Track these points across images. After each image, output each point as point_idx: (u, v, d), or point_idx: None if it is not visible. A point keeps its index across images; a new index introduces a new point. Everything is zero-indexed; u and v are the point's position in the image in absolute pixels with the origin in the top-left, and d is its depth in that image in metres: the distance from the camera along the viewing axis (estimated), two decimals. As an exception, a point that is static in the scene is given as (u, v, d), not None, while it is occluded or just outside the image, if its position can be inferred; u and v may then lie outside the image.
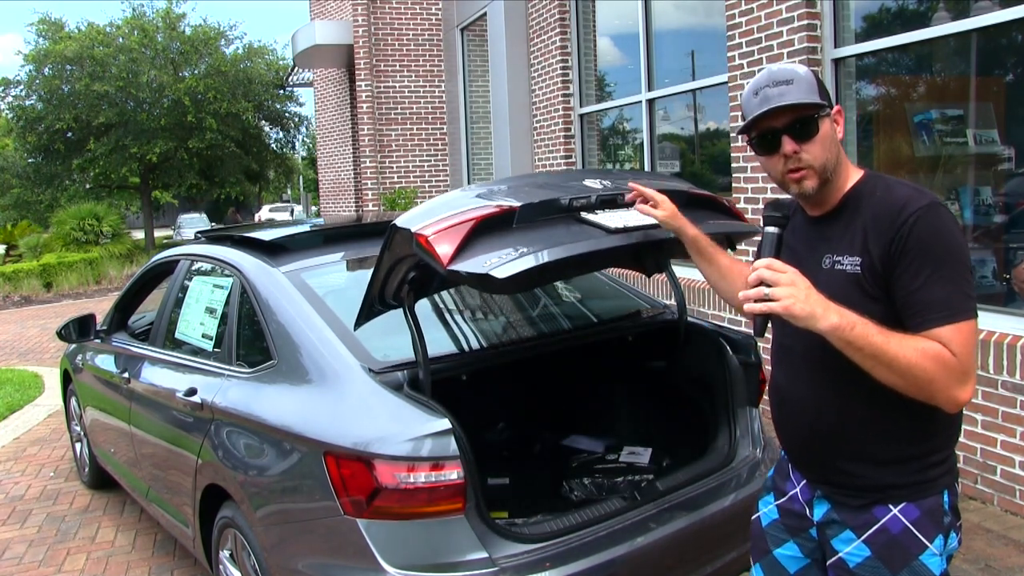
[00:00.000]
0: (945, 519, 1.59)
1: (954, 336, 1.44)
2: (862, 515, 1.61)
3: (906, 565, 1.56)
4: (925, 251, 1.47)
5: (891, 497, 1.58)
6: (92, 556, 3.90)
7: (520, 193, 2.10)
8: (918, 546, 1.57)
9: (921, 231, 1.47)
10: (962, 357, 1.44)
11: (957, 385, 1.45)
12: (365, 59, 10.58)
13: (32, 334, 11.08)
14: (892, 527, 1.58)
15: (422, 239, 1.91)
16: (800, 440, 1.71)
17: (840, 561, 1.63)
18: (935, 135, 4.32)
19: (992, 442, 3.70)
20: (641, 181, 2.20)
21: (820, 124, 1.58)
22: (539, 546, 2.17)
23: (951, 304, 1.45)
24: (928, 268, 1.46)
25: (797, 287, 1.44)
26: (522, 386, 3.47)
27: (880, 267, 1.51)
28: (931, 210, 1.48)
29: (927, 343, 1.44)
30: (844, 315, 1.43)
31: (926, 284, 1.46)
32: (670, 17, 6.70)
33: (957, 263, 1.47)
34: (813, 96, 1.57)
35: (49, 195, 25.58)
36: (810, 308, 1.42)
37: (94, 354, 4.38)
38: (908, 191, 1.53)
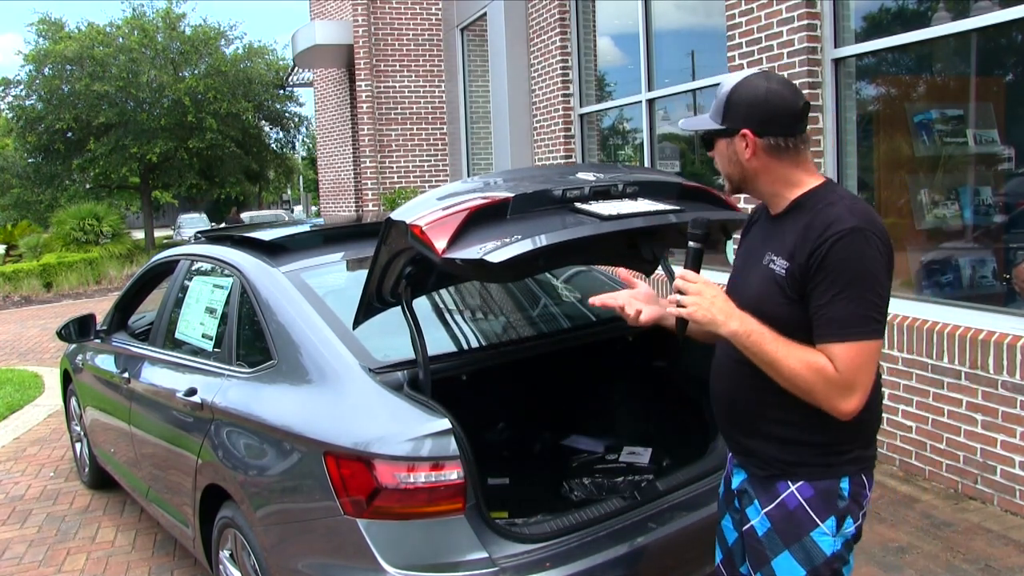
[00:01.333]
0: (840, 503, 1.69)
1: (842, 353, 1.57)
2: (767, 488, 1.75)
3: (798, 540, 1.69)
4: (835, 272, 1.58)
5: (790, 474, 1.72)
6: (92, 556, 3.90)
7: (514, 185, 2.11)
8: (810, 523, 1.69)
9: (838, 252, 1.58)
10: (844, 373, 1.57)
11: (838, 397, 1.58)
12: (365, 59, 10.58)
13: (32, 334, 11.08)
14: (789, 502, 1.71)
15: (416, 229, 1.93)
16: (721, 415, 1.89)
17: (751, 529, 1.78)
18: (935, 135, 4.32)
19: (992, 442, 3.70)
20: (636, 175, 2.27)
21: (715, 144, 1.78)
22: (539, 546, 2.17)
23: (848, 323, 1.57)
24: (835, 288, 1.58)
25: (703, 296, 1.65)
26: (522, 386, 3.46)
27: (799, 276, 1.63)
28: (852, 234, 1.58)
29: (812, 356, 1.60)
30: (744, 323, 1.63)
31: (830, 302, 1.59)
32: (670, 17, 6.69)
33: (864, 287, 1.57)
34: (715, 118, 1.76)
35: (49, 195, 25.58)
36: (711, 315, 1.63)
37: (94, 354, 4.38)
38: (840, 211, 1.62)
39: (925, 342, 3.96)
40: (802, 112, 1.71)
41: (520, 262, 1.92)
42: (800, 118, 1.70)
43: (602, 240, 2.23)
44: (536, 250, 1.93)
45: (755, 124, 1.69)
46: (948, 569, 3.21)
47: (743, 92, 1.71)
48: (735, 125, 1.72)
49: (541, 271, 3.05)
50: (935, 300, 4.14)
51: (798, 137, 1.71)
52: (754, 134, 1.69)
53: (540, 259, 2.32)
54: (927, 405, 4.00)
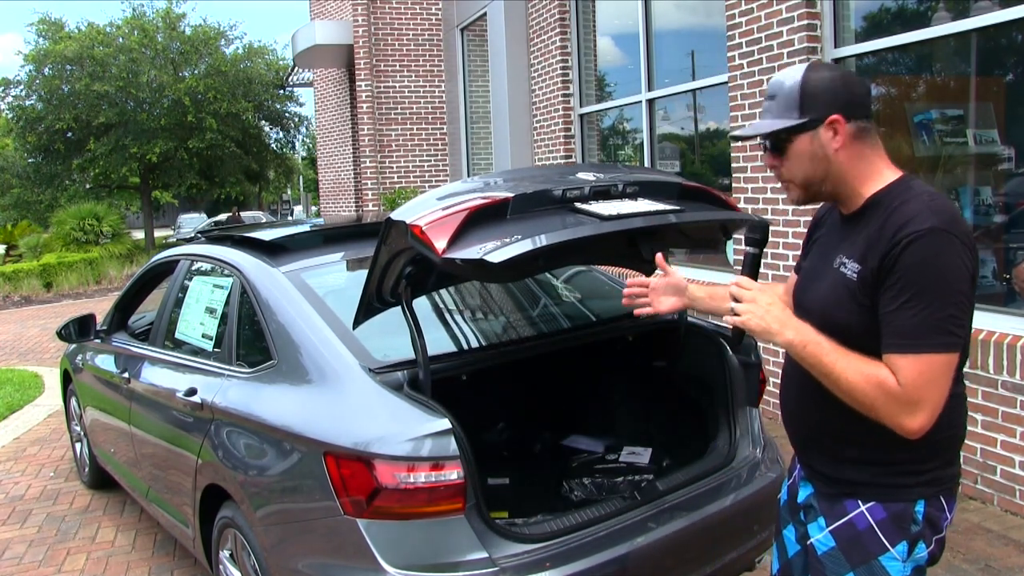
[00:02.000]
0: (913, 527, 1.58)
1: (907, 366, 1.44)
2: (835, 505, 1.65)
3: (864, 562, 1.59)
4: (910, 276, 1.45)
5: (861, 493, 1.61)
6: (92, 556, 3.90)
7: (514, 185, 2.11)
8: (879, 547, 1.58)
9: (912, 255, 1.45)
10: (908, 388, 1.44)
11: (901, 414, 1.46)
12: (365, 59, 10.58)
13: (32, 334, 11.08)
14: (858, 523, 1.61)
15: (416, 229, 1.92)
16: (789, 428, 1.80)
17: (812, 547, 1.68)
18: (935, 135, 4.33)
19: (992, 442, 3.70)
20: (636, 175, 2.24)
21: (792, 143, 1.59)
22: (539, 546, 2.17)
23: (916, 334, 1.44)
24: (906, 294, 1.45)
25: (757, 304, 1.57)
26: (522, 386, 3.46)
27: (871, 279, 1.51)
28: (930, 235, 1.44)
29: (874, 369, 1.47)
30: (800, 333, 1.53)
31: (900, 309, 1.46)
32: (670, 17, 6.70)
33: (940, 294, 1.44)
34: (787, 115, 1.58)
35: (49, 195, 25.59)
36: (765, 324, 1.55)
37: (94, 354, 4.38)
38: (919, 208, 1.49)
39: (925, 342, 3.96)
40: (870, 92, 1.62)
41: (520, 262, 1.92)
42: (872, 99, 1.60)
43: (602, 240, 2.23)
44: (536, 250, 1.93)
45: (841, 108, 1.55)
46: (948, 569, 3.21)
47: (816, 80, 1.56)
48: (819, 114, 1.56)
49: (541, 271, 3.05)
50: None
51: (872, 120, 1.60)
52: (844, 118, 1.55)
53: (540, 259, 2.32)
54: (927, 405, 3.99)
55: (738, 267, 5.58)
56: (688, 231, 2.44)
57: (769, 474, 2.68)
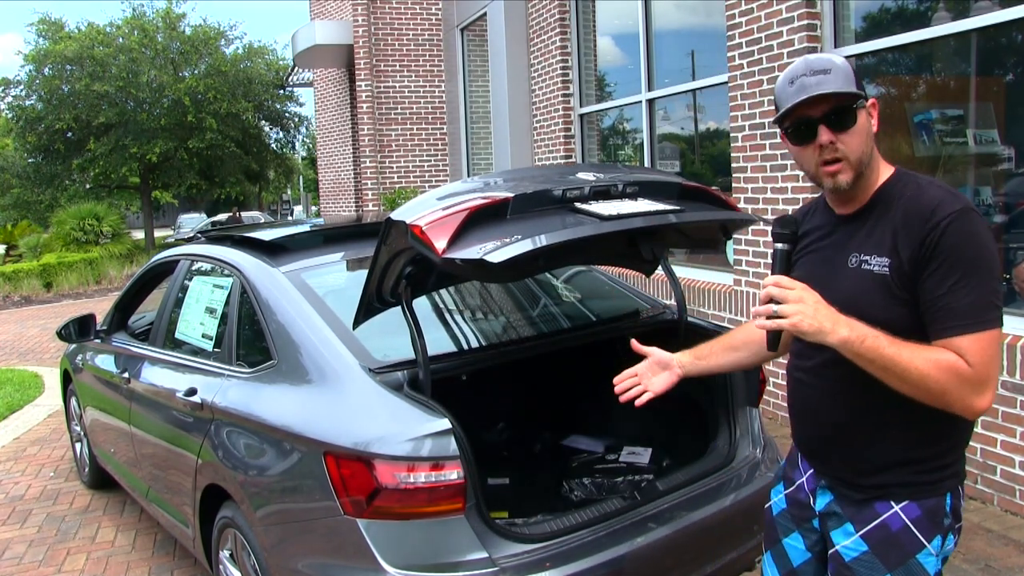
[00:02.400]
0: (945, 520, 1.58)
1: (972, 346, 1.44)
2: (863, 509, 1.61)
3: (902, 563, 1.57)
4: (954, 257, 1.45)
5: (893, 494, 1.59)
6: (92, 556, 3.90)
7: (514, 185, 2.11)
8: (916, 545, 1.57)
9: (952, 236, 1.45)
10: (978, 368, 1.43)
11: (973, 395, 1.45)
12: (365, 59, 10.58)
13: (32, 334, 11.08)
14: (892, 524, 1.58)
15: (416, 229, 1.92)
16: (809, 434, 1.73)
17: (837, 553, 1.65)
18: (935, 135, 4.33)
19: (992, 442, 3.70)
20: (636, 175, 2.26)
21: (858, 115, 1.56)
22: (539, 546, 2.17)
23: (974, 313, 1.44)
24: (955, 275, 1.45)
25: (805, 303, 1.46)
26: (522, 386, 3.46)
27: (908, 269, 1.49)
28: (964, 215, 1.46)
29: (941, 354, 1.44)
30: (855, 328, 1.45)
31: (951, 291, 1.45)
32: (670, 17, 6.70)
33: (985, 271, 1.45)
34: (851, 86, 1.55)
35: (49, 195, 25.59)
36: (818, 324, 1.45)
37: (94, 354, 4.38)
38: (941, 193, 1.50)
39: (925, 342, 3.96)
40: None
41: (520, 262, 1.92)
42: None
43: (602, 240, 2.23)
44: (536, 250, 1.93)
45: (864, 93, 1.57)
46: (948, 569, 3.21)
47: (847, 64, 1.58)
48: (864, 93, 1.57)
49: (541, 271, 3.05)
50: (935, 300, 4.13)
51: None
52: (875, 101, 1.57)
53: (540, 259, 2.32)
54: (927, 405, 3.99)
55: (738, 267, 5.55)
56: (688, 231, 2.44)
57: (769, 474, 2.68)
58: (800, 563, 1.77)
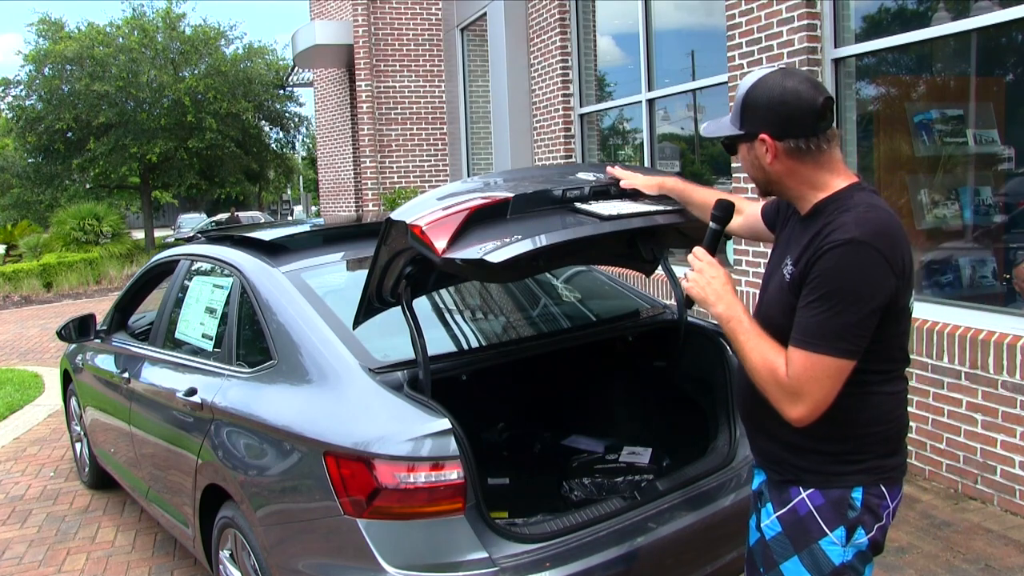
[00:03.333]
0: (851, 513, 1.65)
1: (796, 360, 1.55)
2: (781, 492, 1.73)
3: (806, 546, 1.67)
4: (820, 279, 1.54)
5: (803, 480, 1.69)
6: (92, 556, 3.90)
7: (514, 185, 2.11)
8: (818, 531, 1.66)
9: (827, 261, 1.53)
10: (793, 379, 1.55)
11: (784, 401, 1.57)
12: (365, 59, 10.58)
13: (32, 334, 11.08)
14: (799, 508, 1.68)
15: (416, 229, 1.93)
16: (740, 411, 1.90)
17: (761, 532, 1.77)
18: (935, 135, 4.33)
19: (992, 442, 3.70)
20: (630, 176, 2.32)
21: (738, 148, 1.73)
22: (539, 546, 2.17)
23: (812, 332, 1.53)
24: (814, 295, 1.54)
25: (703, 275, 1.70)
26: (522, 386, 3.46)
27: (799, 281, 1.61)
28: (846, 246, 1.51)
29: (773, 355, 1.59)
30: (730, 308, 1.65)
31: (806, 307, 1.56)
32: (670, 17, 6.70)
33: (842, 302, 1.51)
34: (734, 121, 1.68)
35: (49, 195, 25.59)
36: (704, 294, 1.68)
37: (94, 354, 4.38)
38: (847, 219, 1.55)
39: (925, 342, 3.96)
40: (823, 109, 1.60)
41: (520, 262, 1.92)
42: (821, 116, 1.60)
43: (602, 240, 2.23)
44: (536, 250, 1.93)
45: (774, 127, 1.61)
46: (948, 569, 3.21)
47: (759, 93, 1.63)
48: (754, 129, 1.64)
49: (541, 271, 3.05)
50: (935, 300, 4.14)
51: (820, 137, 1.62)
52: (773, 138, 1.62)
53: (540, 259, 2.32)
54: (927, 405, 4.00)
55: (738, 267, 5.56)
56: (688, 231, 2.44)
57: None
58: (752, 542, 1.85)
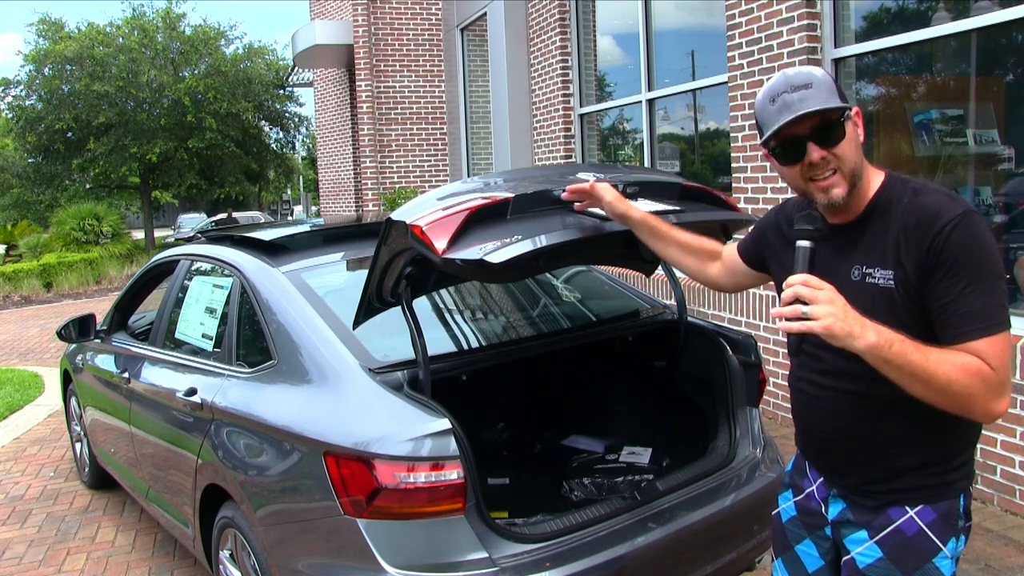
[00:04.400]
0: (959, 523, 1.58)
1: (990, 349, 1.41)
2: (877, 516, 1.60)
3: (918, 568, 1.55)
4: (962, 262, 1.43)
5: (908, 499, 1.57)
6: (92, 556, 3.90)
7: (514, 185, 2.12)
8: (932, 549, 1.56)
9: (957, 241, 1.43)
10: (1000, 370, 1.41)
11: (995, 399, 1.42)
12: (365, 59, 10.58)
13: (32, 334, 11.08)
14: (907, 529, 1.57)
15: (416, 230, 1.92)
16: (819, 442, 1.70)
17: (851, 561, 1.63)
18: (935, 135, 4.33)
19: (992, 442, 3.70)
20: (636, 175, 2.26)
21: (846, 128, 1.53)
22: (539, 546, 2.17)
23: (988, 316, 1.42)
24: (964, 279, 1.43)
25: (835, 305, 1.38)
26: (522, 386, 3.46)
27: (915, 279, 1.47)
28: (966, 219, 1.44)
29: (966, 358, 1.41)
30: (881, 333, 1.39)
31: (962, 295, 1.43)
32: (670, 17, 6.70)
33: (993, 273, 1.44)
34: (834, 99, 1.51)
35: (49, 195, 25.57)
36: (848, 327, 1.37)
37: (94, 354, 4.38)
38: (939, 198, 1.48)
39: (925, 342, 3.96)
40: None
41: (521, 263, 1.92)
42: None
43: (602, 240, 2.23)
44: (537, 251, 1.93)
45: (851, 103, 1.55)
46: (948, 569, 3.21)
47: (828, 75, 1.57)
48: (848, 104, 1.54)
49: (542, 271, 3.05)
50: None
51: None
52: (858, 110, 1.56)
53: (540, 260, 2.32)
54: (927, 405, 3.99)
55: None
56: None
57: (769, 474, 2.68)
58: (814, 570, 1.75)
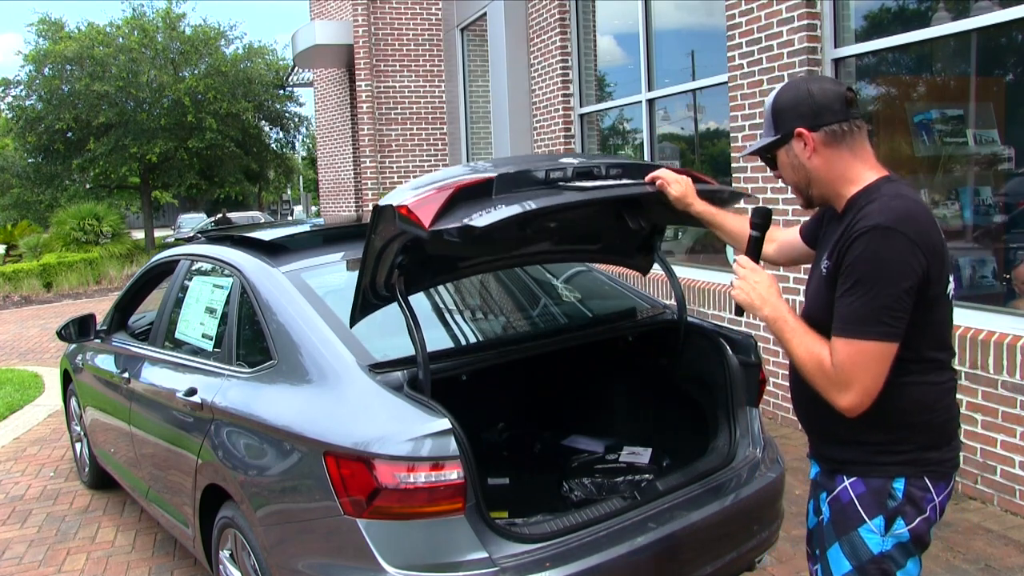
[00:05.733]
0: (891, 503, 1.69)
1: (839, 349, 1.60)
2: (830, 480, 1.80)
3: (846, 533, 1.73)
4: (851, 267, 1.59)
5: (847, 469, 1.75)
6: (92, 556, 3.90)
7: (498, 168, 2.17)
8: (858, 519, 1.71)
9: (855, 248, 1.59)
10: (838, 369, 1.59)
11: (833, 391, 1.61)
12: (365, 59, 10.58)
13: (32, 334, 11.08)
14: (843, 496, 1.75)
15: (403, 210, 1.99)
16: (796, 408, 1.93)
17: (820, 517, 1.83)
18: (935, 135, 4.33)
19: (992, 442, 3.70)
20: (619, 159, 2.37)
21: (776, 157, 1.80)
22: (539, 546, 2.17)
23: (850, 320, 1.58)
24: (846, 284, 1.60)
25: (747, 281, 1.77)
26: (522, 386, 3.47)
27: (834, 273, 1.66)
28: (872, 232, 1.57)
29: (818, 347, 1.64)
30: (776, 310, 1.71)
31: (842, 296, 1.61)
32: (670, 17, 6.70)
33: (873, 287, 1.56)
34: (768, 133, 1.78)
35: (49, 195, 25.57)
36: (750, 299, 1.76)
37: (94, 354, 4.38)
38: (873, 209, 1.61)
39: (925, 342, 3.96)
40: (849, 95, 1.70)
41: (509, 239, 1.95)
42: (849, 102, 1.69)
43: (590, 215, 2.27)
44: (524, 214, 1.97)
45: (807, 119, 1.70)
46: (948, 569, 3.21)
47: (786, 96, 1.74)
48: (788, 128, 1.73)
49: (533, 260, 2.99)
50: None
51: (852, 122, 1.70)
52: (809, 129, 1.70)
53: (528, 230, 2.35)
54: (927, 405, 3.99)
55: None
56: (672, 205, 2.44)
57: (769, 474, 2.68)
58: (811, 527, 1.94)
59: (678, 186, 2.28)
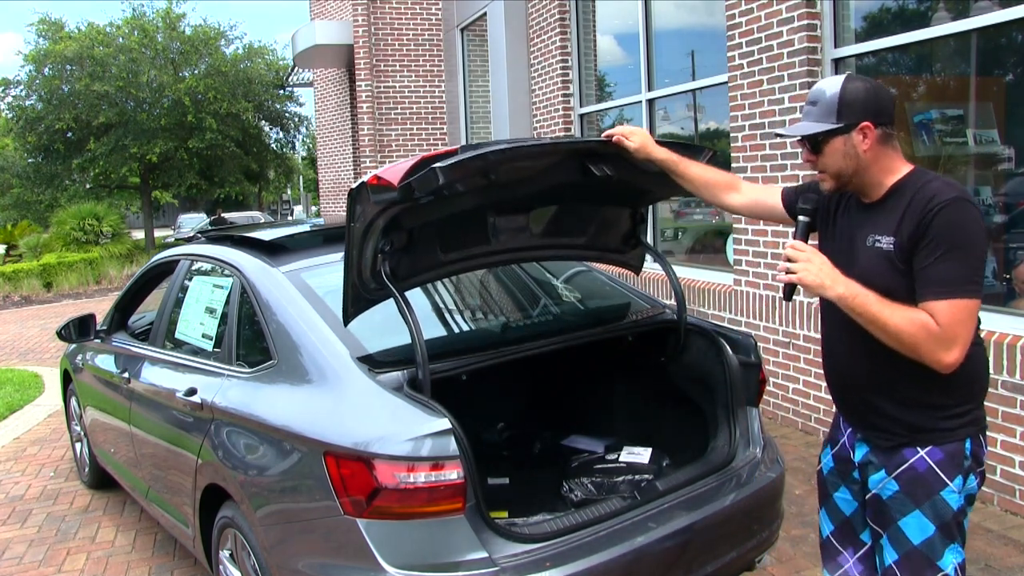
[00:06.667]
0: (965, 463, 1.87)
1: (942, 309, 1.74)
2: (893, 456, 1.91)
3: (928, 498, 1.86)
4: (941, 236, 1.74)
5: (918, 441, 1.88)
6: (92, 556, 3.90)
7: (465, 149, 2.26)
8: (940, 483, 1.86)
9: (942, 219, 1.75)
10: (946, 328, 1.73)
11: (940, 350, 1.74)
12: (365, 59, 10.58)
13: (32, 334, 11.08)
14: (919, 466, 1.87)
15: (372, 180, 2.11)
16: (841, 387, 2.04)
17: (875, 496, 1.95)
18: (935, 135, 4.33)
19: (992, 442, 3.70)
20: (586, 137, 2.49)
21: (828, 143, 1.89)
22: (539, 546, 2.17)
23: (948, 282, 1.74)
24: (939, 250, 1.75)
25: (812, 263, 1.82)
26: (522, 386, 3.47)
27: (907, 245, 1.80)
28: (954, 203, 1.76)
29: (915, 313, 1.75)
30: (849, 287, 1.79)
31: (934, 263, 1.75)
32: (670, 17, 6.70)
33: (966, 250, 1.74)
34: (825, 120, 1.88)
35: (49, 195, 25.57)
36: (820, 280, 1.81)
37: (94, 354, 4.38)
38: (940, 184, 1.81)
39: (925, 342, 3.96)
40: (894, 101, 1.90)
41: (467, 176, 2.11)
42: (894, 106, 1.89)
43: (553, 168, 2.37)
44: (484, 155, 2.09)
45: (874, 116, 1.86)
46: (948, 569, 3.21)
47: (852, 91, 1.86)
48: (854, 120, 1.86)
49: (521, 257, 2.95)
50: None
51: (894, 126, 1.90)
52: (874, 125, 1.86)
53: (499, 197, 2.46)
54: (927, 405, 3.99)
55: (738, 267, 5.55)
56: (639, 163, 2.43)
57: (769, 474, 2.68)
58: (851, 512, 2.05)
59: (636, 137, 2.37)
